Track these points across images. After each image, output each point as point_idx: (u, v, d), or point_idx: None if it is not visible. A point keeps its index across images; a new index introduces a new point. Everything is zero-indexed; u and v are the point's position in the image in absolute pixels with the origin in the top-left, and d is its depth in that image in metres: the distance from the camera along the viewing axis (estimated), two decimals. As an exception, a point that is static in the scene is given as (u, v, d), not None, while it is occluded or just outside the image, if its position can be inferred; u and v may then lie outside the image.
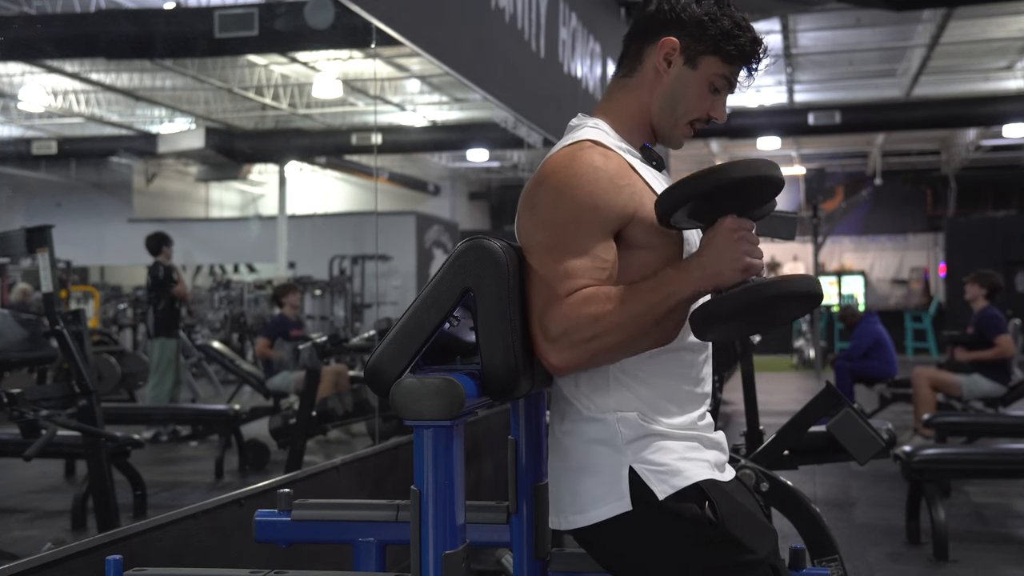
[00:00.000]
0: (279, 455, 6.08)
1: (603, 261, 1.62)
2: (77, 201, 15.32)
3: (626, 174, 1.67)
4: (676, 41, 1.73)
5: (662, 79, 1.75)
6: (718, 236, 1.57)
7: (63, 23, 8.76)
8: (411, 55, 10.56)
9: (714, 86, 1.75)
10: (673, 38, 1.73)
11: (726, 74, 1.75)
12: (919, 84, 14.20)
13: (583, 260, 1.61)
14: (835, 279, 20.10)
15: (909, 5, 9.41)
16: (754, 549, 1.61)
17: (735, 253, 1.56)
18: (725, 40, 1.72)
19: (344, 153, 15.75)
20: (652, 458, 1.64)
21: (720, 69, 1.74)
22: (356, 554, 1.92)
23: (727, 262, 1.56)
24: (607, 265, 1.63)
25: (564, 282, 1.60)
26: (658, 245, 1.67)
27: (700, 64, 1.73)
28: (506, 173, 20.30)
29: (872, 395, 8.42)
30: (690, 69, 1.74)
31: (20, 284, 9.65)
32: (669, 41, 1.73)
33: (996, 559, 4.52)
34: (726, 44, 1.72)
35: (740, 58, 1.74)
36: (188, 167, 16.53)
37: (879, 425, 3.71)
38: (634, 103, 1.78)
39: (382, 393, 1.59)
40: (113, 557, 1.78)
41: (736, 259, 1.56)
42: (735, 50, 1.73)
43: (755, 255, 1.58)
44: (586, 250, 1.62)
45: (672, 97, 1.76)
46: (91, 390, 3.83)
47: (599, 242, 1.63)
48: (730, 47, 1.72)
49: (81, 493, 4.56)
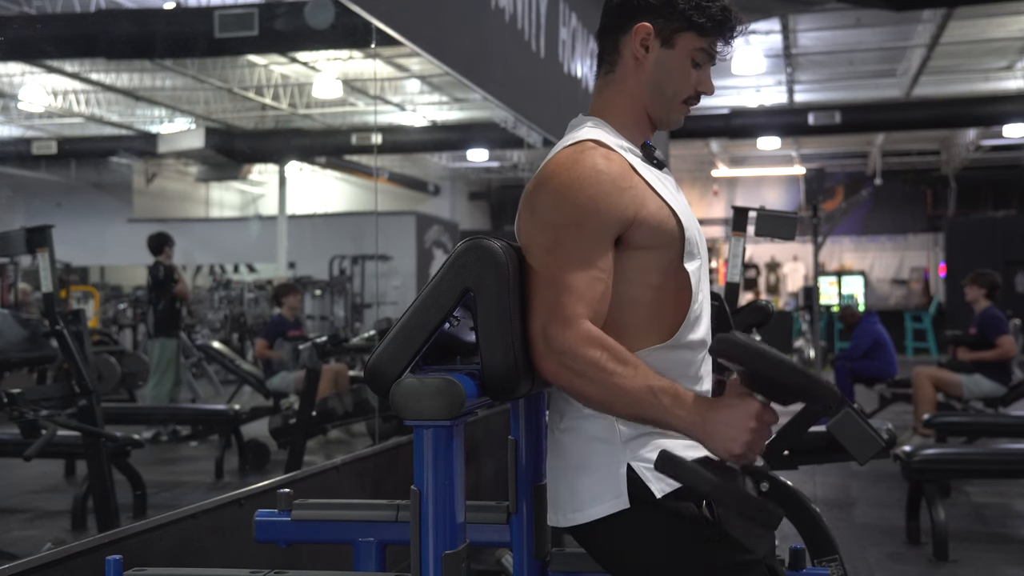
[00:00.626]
0: (279, 455, 6.08)
1: (601, 271, 1.63)
2: (77, 201, 15.31)
3: (628, 176, 1.67)
4: (649, 26, 1.73)
5: (643, 66, 1.75)
6: (738, 411, 1.52)
7: (63, 23, 8.75)
8: (411, 55, 10.56)
9: (695, 61, 1.76)
10: (646, 23, 1.73)
11: (704, 47, 1.75)
12: (919, 84, 14.20)
13: (584, 273, 1.61)
14: (835, 279, 20.09)
15: (909, 5, 9.42)
16: (751, 548, 1.61)
17: (739, 438, 1.52)
18: (696, 13, 1.72)
19: (344, 153, 15.75)
20: (650, 456, 1.63)
21: (697, 43, 1.74)
22: (356, 554, 1.92)
23: (725, 439, 1.52)
24: (604, 276, 1.63)
25: (568, 299, 1.60)
26: (657, 247, 1.67)
27: (677, 42, 1.74)
28: (506, 173, 20.30)
29: (872, 395, 8.42)
30: (668, 50, 1.74)
31: (20, 284, 9.64)
32: (642, 27, 1.73)
33: (996, 559, 4.52)
34: (698, 17, 1.72)
35: (714, 28, 1.74)
36: (188, 167, 16.52)
37: (879, 425, 3.71)
38: (625, 96, 1.78)
39: (382, 393, 1.59)
40: (113, 557, 1.78)
41: (734, 443, 1.52)
42: (708, 21, 1.73)
43: (755, 449, 1.54)
44: (587, 259, 1.62)
45: (658, 81, 1.76)
46: (91, 390, 3.82)
47: (599, 249, 1.63)
48: (702, 19, 1.72)
49: (81, 493, 4.55)
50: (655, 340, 1.68)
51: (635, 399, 1.56)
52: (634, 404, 1.57)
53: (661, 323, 1.69)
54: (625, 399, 1.57)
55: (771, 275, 21.37)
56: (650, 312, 1.68)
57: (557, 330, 1.59)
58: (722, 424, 1.52)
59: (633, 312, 1.68)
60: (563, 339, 1.58)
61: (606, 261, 1.64)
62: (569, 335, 1.58)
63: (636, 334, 1.67)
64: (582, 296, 1.60)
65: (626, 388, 1.56)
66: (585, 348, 1.57)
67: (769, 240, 2.77)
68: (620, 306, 1.66)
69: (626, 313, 1.67)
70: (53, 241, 3.70)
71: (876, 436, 3.03)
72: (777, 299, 20.68)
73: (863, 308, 14.98)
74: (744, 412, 1.52)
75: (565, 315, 1.59)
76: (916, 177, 20.61)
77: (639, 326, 1.68)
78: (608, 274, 1.64)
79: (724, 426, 1.52)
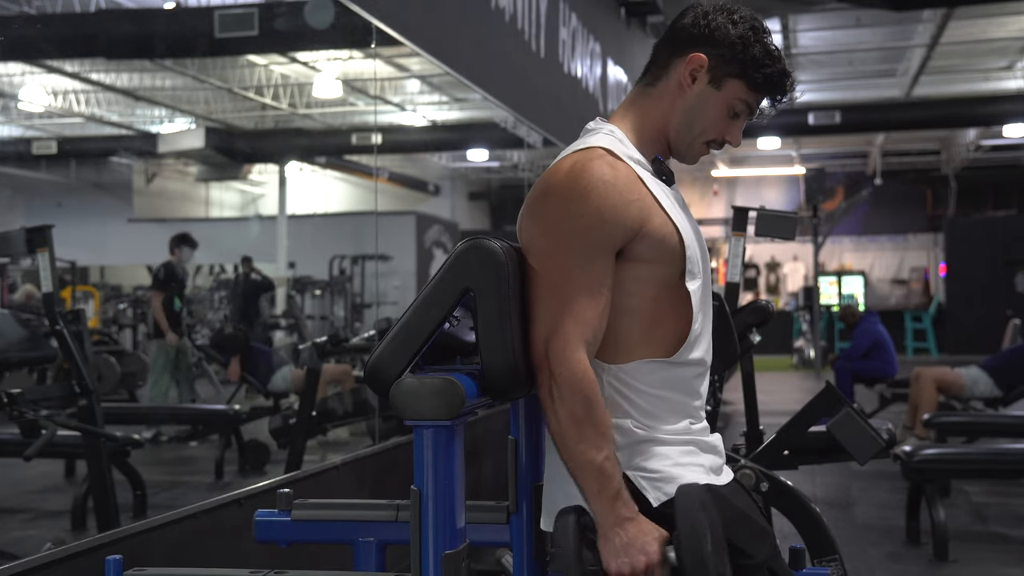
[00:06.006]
0: (279, 455, 6.08)
1: (602, 284, 1.63)
2: (77, 201, 15.31)
3: (635, 187, 1.66)
4: (705, 58, 1.71)
5: (684, 93, 1.73)
6: (646, 539, 1.55)
7: (63, 23, 8.75)
8: (411, 55, 10.56)
9: (734, 110, 1.74)
10: (702, 54, 1.71)
11: (748, 100, 1.73)
12: (919, 84, 14.20)
13: (587, 289, 1.61)
14: (835, 279, 20.09)
15: (909, 5, 9.42)
16: (751, 553, 1.61)
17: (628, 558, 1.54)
18: (754, 67, 1.70)
19: (344, 153, 15.75)
20: (646, 465, 1.64)
21: (743, 94, 1.72)
22: (356, 554, 1.92)
23: (617, 551, 1.55)
24: (606, 289, 1.63)
25: (572, 324, 1.60)
26: (658, 261, 1.67)
27: (725, 86, 1.72)
28: (506, 173, 20.30)
29: (872, 395, 8.42)
30: (714, 89, 1.72)
31: (25, 285, 9.63)
32: (698, 57, 1.71)
33: (996, 559, 4.52)
34: (754, 71, 1.70)
35: (766, 87, 1.73)
36: (188, 167, 16.52)
37: (879, 425, 3.71)
38: (654, 113, 1.76)
39: (382, 393, 1.59)
40: (113, 557, 1.78)
41: (620, 560, 1.55)
42: (762, 79, 1.71)
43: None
44: (589, 271, 1.62)
45: (691, 114, 1.74)
46: (91, 390, 3.82)
47: (602, 260, 1.63)
48: (758, 75, 1.71)
49: (81, 493, 4.55)
50: (651, 353, 1.68)
51: (580, 464, 1.59)
52: (577, 467, 1.59)
53: (658, 337, 1.68)
54: (573, 461, 1.59)
55: (771, 275, 21.36)
56: (647, 324, 1.68)
57: (558, 351, 1.60)
58: (623, 537, 1.56)
59: (630, 323, 1.67)
60: (561, 364, 1.59)
61: (608, 272, 1.64)
62: (567, 367, 1.59)
63: (632, 345, 1.67)
64: (584, 320, 1.60)
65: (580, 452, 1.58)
66: (576, 387, 1.58)
67: (769, 240, 2.77)
68: (617, 316, 1.66)
69: (623, 324, 1.67)
70: (53, 241, 3.70)
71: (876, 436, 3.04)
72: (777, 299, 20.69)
73: (863, 308, 14.98)
74: (645, 545, 1.55)
75: (566, 337, 1.60)
76: (916, 177, 20.62)
77: (635, 337, 1.68)
78: (608, 287, 1.64)
79: (623, 541, 1.55)
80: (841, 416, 3.25)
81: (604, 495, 1.57)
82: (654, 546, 1.55)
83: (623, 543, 1.55)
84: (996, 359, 6.98)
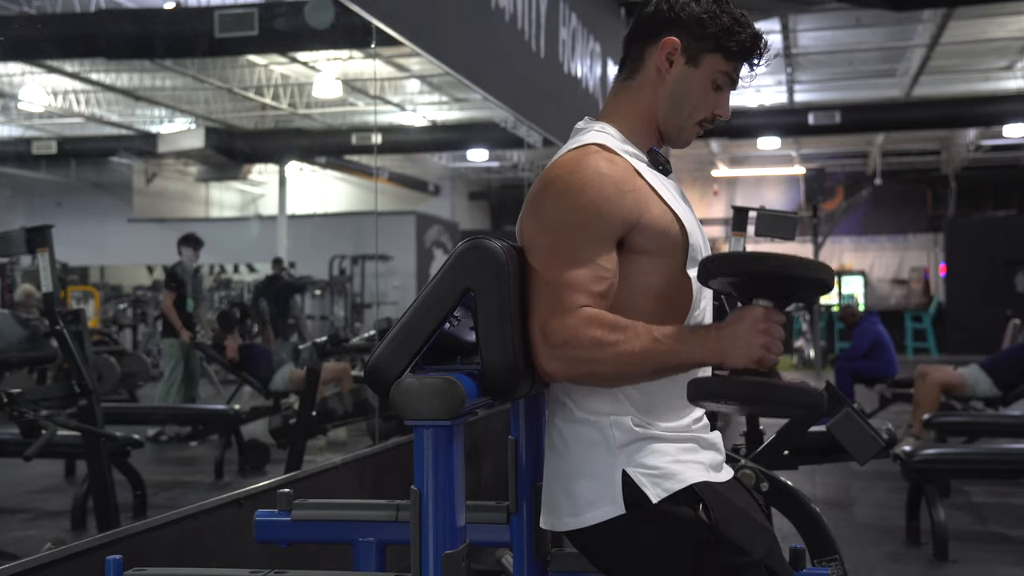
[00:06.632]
0: (279, 455, 6.08)
1: (604, 270, 1.62)
2: (77, 201, 15.33)
3: (631, 179, 1.67)
4: (677, 40, 1.73)
5: (664, 79, 1.75)
6: (745, 321, 1.53)
7: (63, 23, 8.76)
8: (411, 55, 10.56)
9: (716, 83, 1.75)
10: (674, 37, 1.73)
11: (728, 71, 1.75)
12: (919, 84, 14.19)
13: (585, 270, 1.61)
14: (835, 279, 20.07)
15: (909, 5, 9.40)
16: (749, 551, 1.61)
17: (754, 342, 1.52)
18: (726, 37, 1.72)
19: (344, 153, 15.76)
20: (645, 461, 1.63)
21: (722, 66, 1.74)
22: (356, 554, 1.92)
23: (742, 348, 1.53)
24: (608, 275, 1.63)
25: (568, 293, 1.60)
26: (660, 252, 1.67)
27: (702, 62, 1.73)
28: (506, 173, 20.30)
29: (872, 395, 8.42)
30: (692, 68, 1.74)
31: (24, 285, 9.63)
32: (670, 41, 1.73)
33: (996, 559, 4.52)
34: (727, 41, 1.72)
35: (741, 54, 1.74)
36: (188, 167, 16.53)
37: (879, 425, 3.71)
38: (639, 105, 1.77)
39: (382, 393, 1.59)
40: (113, 557, 1.78)
41: (752, 349, 1.52)
42: (736, 46, 1.73)
43: (773, 350, 1.54)
44: (589, 259, 1.61)
45: (676, 97, 1.75)
46: (91, 390, 3.82)
47: (602, 250, 1.63)
48: (731, 44, 1.72)
49: (81, 493, 4.55)
50: None
51: (646, 356, 1.57)
52: (647, 361, 1.57)
53: None
54: (638, 361, 1.57)
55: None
56: (651, 320, 1.67)
57: (556, 323, 1.59)
58: (734, 339, 1.53)
59: (635, 318, 1.66)
60: (563, 329, 1.58)
61: (609, 261, 1.63)
62: (569, 322, 1.58)
63: None
64: (583, 288, 1.60)
65: (634, 351, 1.56)
66: (585, 330, 1.57)
67: (769, 240, 2.76)
68: (621, 312, 1.65)
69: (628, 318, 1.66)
70: (53, 241, 3.70)
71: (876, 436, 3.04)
72: (777, 299, 20.63)
73: (863, 308, 14.97)
74: (751, 320, 1.53)
75: (564, 307, 1.59)
76: (916, 177, 20.61)
77: None
78: (612, 273, 1.63)
79: (737, 340, 1.53)
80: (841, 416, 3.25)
81: (686, 342, 1.56)
82: (754, 311, 1.53)
83: (737, 337, 1.52)
84: (996, 359, 6.97)
